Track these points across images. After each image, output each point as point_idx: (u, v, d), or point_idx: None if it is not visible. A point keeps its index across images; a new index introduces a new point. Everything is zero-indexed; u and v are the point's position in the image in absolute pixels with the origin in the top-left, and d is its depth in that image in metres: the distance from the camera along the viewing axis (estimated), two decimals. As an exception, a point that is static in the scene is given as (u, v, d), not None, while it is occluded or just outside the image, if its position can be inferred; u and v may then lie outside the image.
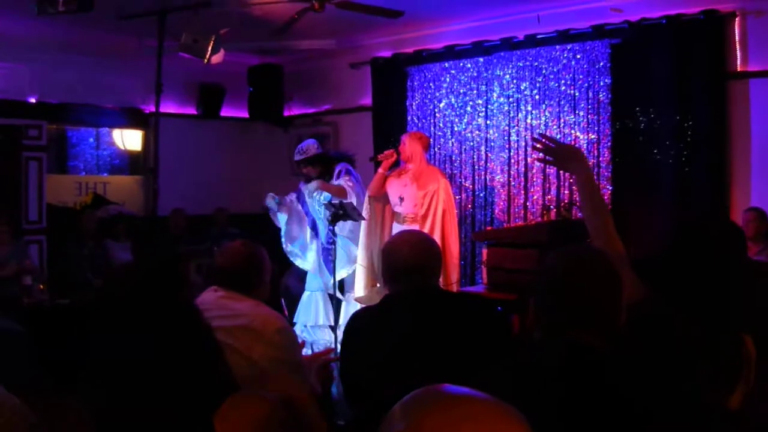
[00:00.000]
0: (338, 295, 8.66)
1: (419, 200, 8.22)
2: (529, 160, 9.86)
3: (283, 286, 9.92)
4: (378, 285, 8.41)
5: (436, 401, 1.49)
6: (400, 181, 8.37)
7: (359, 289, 8.59)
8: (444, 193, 8.28)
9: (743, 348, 3.22)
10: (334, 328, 8.55)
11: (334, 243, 8.52)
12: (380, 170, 8.49)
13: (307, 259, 8.98)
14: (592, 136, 9.33)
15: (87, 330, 2.40)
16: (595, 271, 2.78)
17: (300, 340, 4.41)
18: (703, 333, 3.08)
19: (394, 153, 8.41)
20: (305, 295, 9.04)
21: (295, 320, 8.92)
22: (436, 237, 7.95)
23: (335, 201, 8.41)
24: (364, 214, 8.50)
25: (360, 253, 8.65)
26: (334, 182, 8.65)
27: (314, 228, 8.99)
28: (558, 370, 2.62)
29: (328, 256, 8.73)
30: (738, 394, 3.16)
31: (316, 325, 8.91)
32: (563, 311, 2.73)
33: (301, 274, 9.21)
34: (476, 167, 10.41)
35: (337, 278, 8.57)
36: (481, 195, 10.35)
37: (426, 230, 7.90)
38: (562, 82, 9.57)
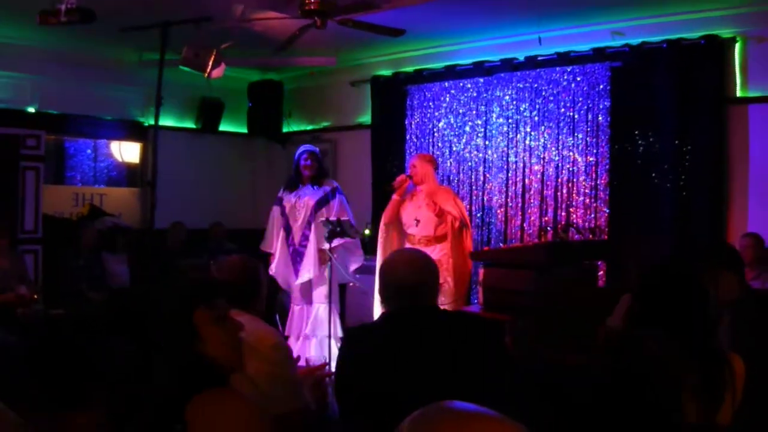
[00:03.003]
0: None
1: (436, 222, 8.25)
2: (526, 181, 9.86)
3: (278, 301, 9.91)
4: None
5: (445, 418, 1.49)
6: (413, 203, 8.40)
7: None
8: (459, 212, 8.30)
9: (727, 365, 3.25)
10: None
11: (305, 246, 8.60)
12: (395, 197, 8.52)
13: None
14: (591, 159, 9.34)
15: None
16: (574, 295, 2.81)
17: (294, 355, 4.39)
18: (680, 352, 3.10)
19: (407, 178, 8.44)
20: (296, 309, 9.04)
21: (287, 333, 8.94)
22: (459, 255, 8.06)
23: (333, 218, 8.42)
24: (380, 240, 8.57)
25: (378, 281, 8.62)
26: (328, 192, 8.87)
27: (287, 230, 9.00)
28: (541, 388, 2.63)
29: (297, 258, 8.78)
30: (726, 410, 3.18)
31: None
32: (545, 333, 2.75)
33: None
34: (474, 187, 10.41)
35: (299, 281, 8.75)
36: (479, 215, 10.34)
37: (445, 251, 8.01)
38: (562, 104, 9.59)
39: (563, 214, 9.53)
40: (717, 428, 3.17)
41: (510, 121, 10.07)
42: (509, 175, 10.07)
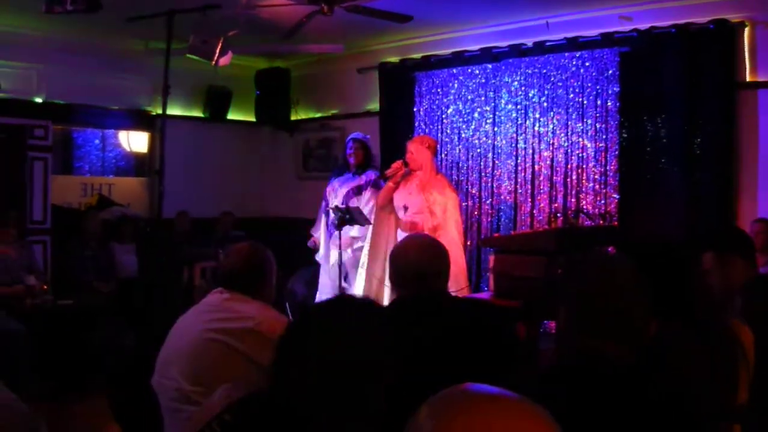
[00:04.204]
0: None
1: (424, 210, 8.09)
2: (536, 167, 9.83)
3: (288, 290, 9.90)
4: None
5: (465, 400, 1.46)
6: (406, 188, 8.24)
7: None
8: (452, 208, 8.13)
9: (736, 337, 3.23)
10: None
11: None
12: (390, 183, 8.33)
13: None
14: (600, 144, 9.31)
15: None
16: (625, 283, 2.76)
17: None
18: (695, 338, 3.09)
19: (403, 165, 8.24)
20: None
21: None
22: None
23: (342, 206, 8.39)
24: (374, 223, 8.48)
25: (363, 260, 8.59)
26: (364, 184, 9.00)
27: (327, 216, 9.05)
28: (580, 378, 2.60)
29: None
30: (743, 387, 3.16)
31: None
32: (591, 321, 2.71)
33: (307, 279, 9.20)
34: (483, 174, 10.38)
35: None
36: (488, 202, 10.32)
37: None
38: (571, 89, 9.55)
39: (573, 200, 9.50)
40: (737, 409, 3.16)
41: (519, 107, 10.04)
42: (518, 161, 10.04)
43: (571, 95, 9.55)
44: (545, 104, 9.78)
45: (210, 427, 2.30)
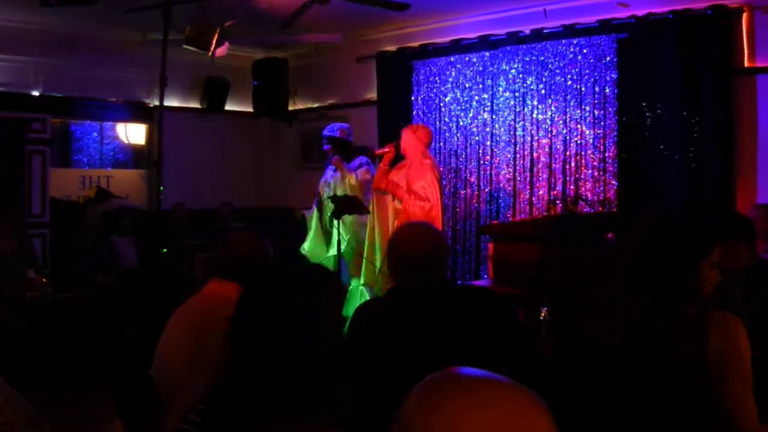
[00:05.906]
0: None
1: (407, 196, 8.10)
2: (534, 155, 9.82)
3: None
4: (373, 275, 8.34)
5: (454, 383, 1.45)
6: (398, 175, 8.27)
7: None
8: (429, 187, 8.09)
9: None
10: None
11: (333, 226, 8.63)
12: (381, 165, 8.39)
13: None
14: (598, 131, 9.30)
15: None
16: (604, 268, 2.80)
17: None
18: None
19: (393, 148, 8.30)
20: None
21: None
22: None
23: (341, 194, 8.37)
24: (369, 207, 8.46)
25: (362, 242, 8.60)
26: (353, 170, 8.82)
27: (319, 208, 9.00)
28: (568, 359, 2.63)
29: (326, 235, 8.78)
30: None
31: None
32: (577, 304, 2.75)
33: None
34: (482, 162, 10.37)
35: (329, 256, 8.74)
36: (486, 190, 10.31)
37: None
38: (569, 76, 9.54)
39: (572, 187, 9.49)
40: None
41: (517, 94, 10.03)
42: (517, 148, 10.03)
43: (569, 82, 9.55)
44: (543, 91, 9.77)
45: (186, 420, 2.30)
